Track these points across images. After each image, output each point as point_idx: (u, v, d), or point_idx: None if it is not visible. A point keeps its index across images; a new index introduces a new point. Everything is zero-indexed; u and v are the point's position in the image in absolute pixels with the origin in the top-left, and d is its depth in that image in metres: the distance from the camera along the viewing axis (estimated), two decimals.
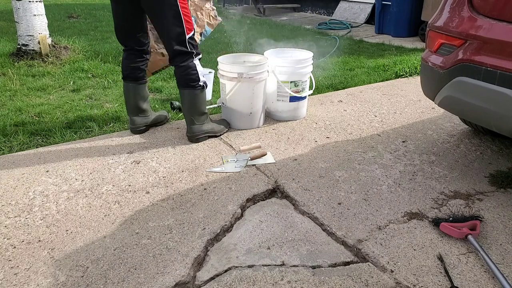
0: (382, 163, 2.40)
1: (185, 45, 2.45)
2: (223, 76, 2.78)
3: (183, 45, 2.44)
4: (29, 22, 4.25)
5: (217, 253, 1.69)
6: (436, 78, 2.13)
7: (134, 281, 1.53)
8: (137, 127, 2.76)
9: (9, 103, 3.31)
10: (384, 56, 4.95)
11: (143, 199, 2.05)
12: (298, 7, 9.34)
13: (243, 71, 2.69)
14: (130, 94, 2.69)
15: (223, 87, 2.82)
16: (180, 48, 2.44)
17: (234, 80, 2.73)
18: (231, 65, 2.73)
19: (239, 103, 2.79)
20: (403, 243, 1.73)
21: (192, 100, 2.57)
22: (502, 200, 2.04)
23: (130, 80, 2.66)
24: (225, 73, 2.75)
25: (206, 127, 2.66)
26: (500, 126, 1.90)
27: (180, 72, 2.51)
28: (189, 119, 2.61)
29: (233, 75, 2.71)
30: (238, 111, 2.82)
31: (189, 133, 2.65)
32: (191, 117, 2.60)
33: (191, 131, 2.63)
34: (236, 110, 2.82)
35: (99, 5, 9.38)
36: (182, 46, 2.44)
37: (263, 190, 2.11)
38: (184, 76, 2.51)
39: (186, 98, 2.57)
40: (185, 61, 2.48)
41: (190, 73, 2.49)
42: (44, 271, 1.58)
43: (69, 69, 4.26)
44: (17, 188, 2.14)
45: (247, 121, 2.86)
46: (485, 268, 1.59)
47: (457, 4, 2.08)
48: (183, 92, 2.56)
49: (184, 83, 2.52)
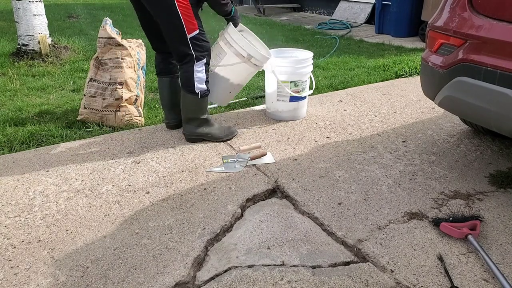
0: (382, 163, 2.40)
1: (187, 44, 2.40)
2: (231, 46, 2.64)
3: (185, 45, 2.40)
4: (29, 22, 4.25)
5: (217, 253, 1.69)
6: (436, 78, 2.13)
7: (134, 281, 1.53)
8: (171, 122, 2.82)
9: (9, 103, 3.31)
10: (384, 56, 4.95)
11: (143, 199, 2.05)
12: (298, 7, 9.34)
13: (255, 56, 2.66)
14: (164, 89, 2.75)
15: (220, 53, 2.68)
16: (182, 48, 2.41)
17: (239, 57, 2.65)
18: (248, 44, 2.65)
19: (228, 78, 2.74)
20: (403, 243, 1.73)
21: (184, 102, 2.58)
22: (502, 200, 2.04)
23: (164, 75, 2.72)
24: (235, 45, 2.63)
25: (201, 130, 2.62)
26: (500, 126, 1.90)
27: (180, 73, 2.53)
28: (184, 118, 2.64)
29: (243, 53, 2.64)
30: (222, 86, 2.77)
31: (183, 131, 2.69)
32: (185, 116, 2.62)
33: (184, 129, 2.67)
34: (221, 84, 2.75)
35: (99, 5, 9.38)
36: (184, 45, 2.40)
37: (263, 190, 2.11)
38: (182, 77, 2.51)
39: (182, 98, 2.58)
40: (186, 63, 2.45)
41: (187, 77, 2.48)
42: (44, 271, 1.58)
43: (69, 69, 4.26)
44: (17, 188, 2.14)
45: (223, 98, 2.89)
46: (485, 268, 1.59)
47: (457, 4, 2.08)
48: (182, 92, 2.57)
49: (182, 83, 2.54)
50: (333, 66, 4.49)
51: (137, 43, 3.19)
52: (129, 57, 2.94)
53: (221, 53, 2.68)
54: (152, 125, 2.96)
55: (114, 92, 2.83)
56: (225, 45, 2.65)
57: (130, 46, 3.01)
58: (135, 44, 3.14)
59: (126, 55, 2.92)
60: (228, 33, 2.63)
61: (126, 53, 2.92)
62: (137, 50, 3.10)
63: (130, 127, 2.90)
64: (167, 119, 2.83)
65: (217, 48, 2.70)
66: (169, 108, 2.79)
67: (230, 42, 2.63)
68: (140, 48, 3.18)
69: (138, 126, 2.92)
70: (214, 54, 2.67)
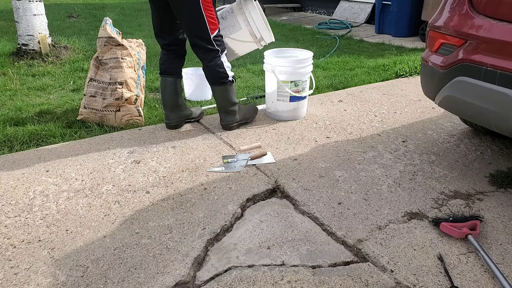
0: (382, 163, 2.40)
1: (211, 43, 2.55)
2: (248, 24, 2.77)
3: (208, 43, 2.55)
4: (29, 21, 4.25)
5: (217, 253, 1.69)
6: (436, 78, 2.13)
7: (134, 281, 1.53)
8: (172, 122, 2.83)
9: (9, 103, 3.31)
10: (384, 56, 4.95)
11: (143, 199, 2.05)
12: (298, 7, 9.34)
13: (264, 39, 2.79)
14: (167, 89, 2.77)
15: (235, 25, 2.79)
16: (207, 47, 2.56)
17: (252, 36, 2.79)
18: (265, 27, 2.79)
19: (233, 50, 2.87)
20: (403, 243, 1.73)
21: (224, 95, 2.71)
22: (502, 200, 2.04)
23: (168, 74, 2.75)
24: (252, 25, 2.76)
25: (239, 116, 2.83)
26: (500, 126, 1.90)
27: (208, 72, 2.65)
28: (223, 110, 2.78)
29: (257, 35, 2.80)
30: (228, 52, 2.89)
31: (224, 122, 2.82)
32: (225, 109, 2.77)
33: (225, 120, 2.80)
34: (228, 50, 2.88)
35: (99, 5, 9.38)
36: (208, 43, 2.55)
37: (263, 190, 2.11)
38: (213, 74, 2.64)
39: (218, 93, 2.72)
40: (212, 60, 2.59)
41: (219, 71, 2.62)
42: (44, 271, 1.58)
43: (69, 68, 4.26)
44: (17, 188, 2.14)
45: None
46: (485, 268, 1.59)
47: (457, 4, 2.08)
48: (215, 89, 2.70)
49: (215, 80, 2.66)
50: (333, 66, 4.49)
51: (137, 43, 3.19)
52: (129, 57, 2.94)
53: (236, 26, 2.78)
54: (152, 125, 2.96)
55: (114, 92, 2.83)
56: (243, 21, 2.75)
57: (130, 46, 3.01)
58: (135, 44, 3.14)
59: (126, 55, 2.92)
60: (249, 10, 2.73)
61: (126, 53, 2.92)
62: (137, 50, 3.10)
63: (130, 127, 2.90)
64: (168, 119, 2.83)
65: (232, 19, 2.78)
66: (170, 108, 2.80)
67: (248, 19, 2.74)
68: (140, 48, 3.18)
69: (138, 126, 2.92)
70: (227, 23, 2.77)
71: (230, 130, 2.82)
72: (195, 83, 3.35)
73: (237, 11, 2.75)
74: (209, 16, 2.48)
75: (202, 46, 2.56)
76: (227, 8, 2.82)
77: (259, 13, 2.77)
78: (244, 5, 2.74)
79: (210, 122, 2.97)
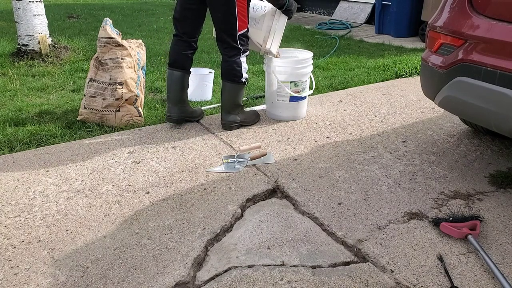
0: (382, 163, 2.40)
1: (235, 40, 2.62)
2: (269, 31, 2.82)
3: (233, 40, 2.62)
4: (29, 22, 4.25)
5: (217, 253, 1.69)
6: (436, 78, 2.13)
7: (134, 281, 1.53)
8: (173, 116, 2.83)
9: (9, 103, 3.31)
10: (384, 56, 4.95)
11: (143, 199, 2.05)
12: (298, 7, 9.33)
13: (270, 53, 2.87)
14: (174, 82, 2.79)
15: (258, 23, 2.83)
16: (230, 42, 2.62)
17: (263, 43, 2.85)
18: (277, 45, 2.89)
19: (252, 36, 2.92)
20: (403, 243, 1.73)
21: (232, 93, 2.76)
22: (502, 200, 2.04)
23: (176, 67, 2.76)
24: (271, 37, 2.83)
25: (240, 117, 2.85)
26: (500, 126, 1.90)
27: (226, 66, 2.69)
28: (226, 108, 2.80)
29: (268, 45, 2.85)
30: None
31: (224, 121, 2.83)
32: (228, 107, 2.79)
33: (226, 119, 2.82)
34: None
35: (99, 5, 9.38)
36: (232, 40, 2.62)
37: (263, 190, 2.11)
38: (229, 70, 2.69)
39: (227, 89, 2.76)
40: (233, 57, 2.66)
41: (235, 68, 2.68)
42: (44, 271, 1.58)
43: (69, 69, 4.26)
44: (17, 188, 2.14)
45: None
46: (485, 268, 1.59)
47: (457, 4, 2.08)
48: (225, 84, 2.75)
49: (228, 76, 2.70)
50: (333, 66, 4.49)
51: (137, 43, 3.19)
52: (129, 57, 2.94)
53: (258, 24, 2.83)
54: (152, 125, 2.96)
55: (114, 92, 2.83)
56: (267, 26, 2.82)
57: (130, 46, 3.01)
58: (135, 44, 3.14)
59: (126, 55, 2.92)
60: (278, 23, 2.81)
61: (126, 53, 2.92)
62: (137, 50, 3.10)
63: (130, 127, 2.90)
64: (170, 112, 2.82)
65: (260, 17, 2.83)
66: (174, 102, 2.81)
67: (271, 28, 2.81)
68: (140, 48, 3.18)
69: (138, 126, 2.92)
70: (254, 16, 2.81)
71: (230, 130, 2.82)
72: (195, 83, 3.35)
73: (268, 15, 2.81)
74: (241, 13, 2.56)
75: (227, 42, 2.63)
76: (265, 4, 2.85)
77: (282, 31, 2.86)
78: (277, 16, 2.80)
79: (210, 122, 2.97)
